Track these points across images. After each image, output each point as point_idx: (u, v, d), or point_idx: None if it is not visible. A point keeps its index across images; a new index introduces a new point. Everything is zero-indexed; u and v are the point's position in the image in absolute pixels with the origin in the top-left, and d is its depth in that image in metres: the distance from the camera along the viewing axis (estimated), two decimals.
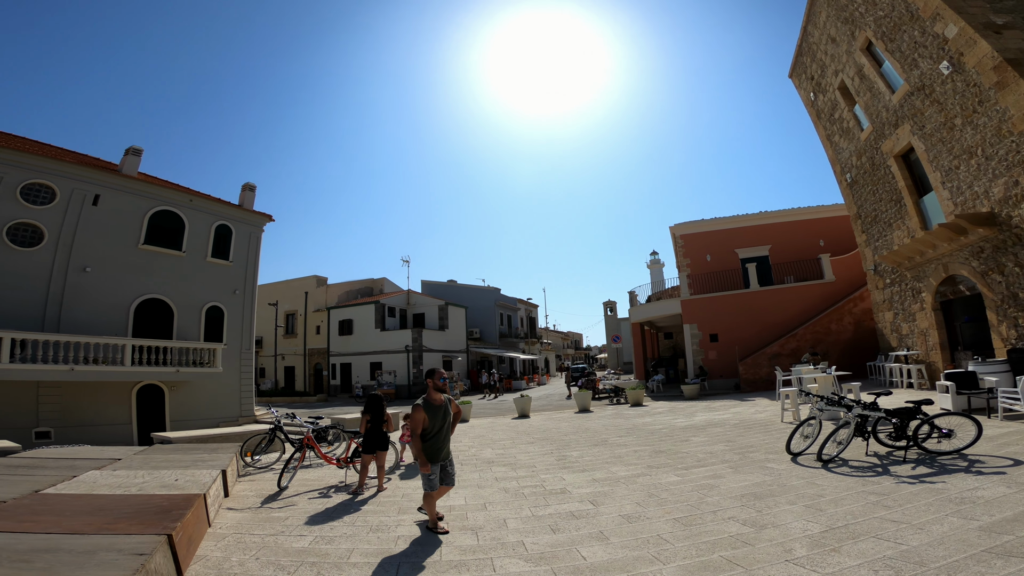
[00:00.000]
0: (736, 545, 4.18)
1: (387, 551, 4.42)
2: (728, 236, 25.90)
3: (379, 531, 5.03)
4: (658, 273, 43.39)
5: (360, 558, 4.24)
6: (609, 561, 4.03)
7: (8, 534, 2.83)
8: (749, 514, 4.97)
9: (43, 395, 14.73)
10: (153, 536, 3.11)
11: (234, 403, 19.88)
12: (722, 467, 7.24)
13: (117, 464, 5.72)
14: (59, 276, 15.76)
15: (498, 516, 5.47)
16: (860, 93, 15.08)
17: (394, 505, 6.09)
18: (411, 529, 5.08)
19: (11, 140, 16.91)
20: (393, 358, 35.12)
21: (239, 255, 21.10)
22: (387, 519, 5.46)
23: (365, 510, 5.89)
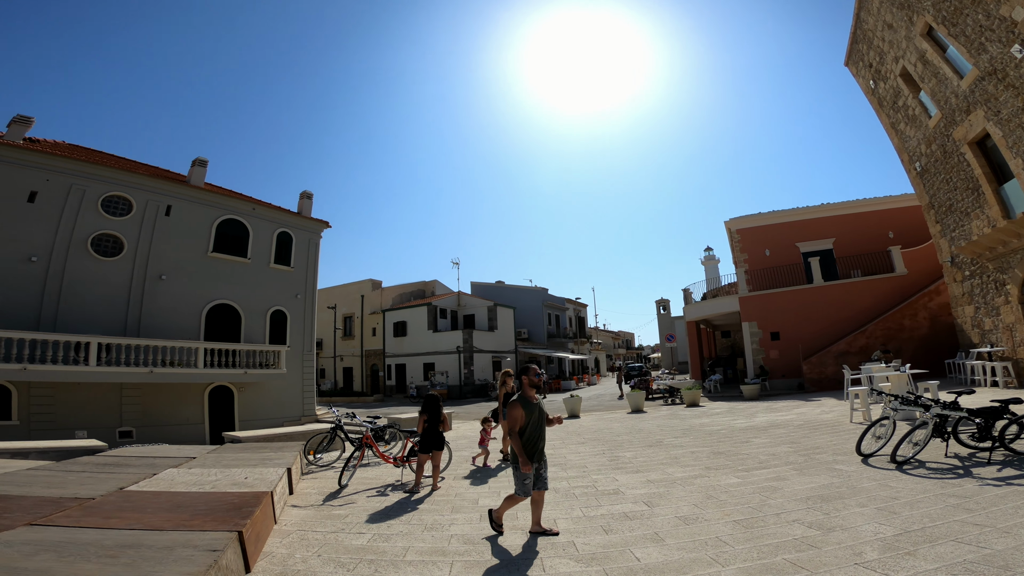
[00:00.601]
0: (801, 548, 4.01)
1: (440, 550, 4.47)
2: (788, 230, 24.76)
3: (433, 530, 5.10)
4: (713, 270, 42.00)
5: (415, 556, 4.31)
6: (664, 562, 3.95)
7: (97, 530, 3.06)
8: (815, 516, 4.77)
9: (126, 396, 15.90)
10: (225, 533, 3.26)
11: (297, 403, 20.80)
12: (786, 469, 6.95)
13: (192, 462, 6.08)
14: (138, 284, 16.96)
15: (548, 516, 5.42)
16: (924, 79, 14.11)
17: (447, 504, 6.16)
18: (464, 528, 5.12)
19: (91, 154, 18.35)
20: (445, 359, 35.70)
21: (299, 261, 22.06)
22: (441, 518, 5.53)
23: (420, 509, 5.98)
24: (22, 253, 14.77)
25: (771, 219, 25.24)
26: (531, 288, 47.90)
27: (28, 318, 14.48)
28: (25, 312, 14.51)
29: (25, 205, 15.07)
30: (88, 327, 15.28)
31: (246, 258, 20.10)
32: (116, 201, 17.02)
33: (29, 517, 3.23)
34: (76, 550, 2.66)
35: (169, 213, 18.16)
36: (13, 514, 3.30)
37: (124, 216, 17.05)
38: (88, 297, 15.79)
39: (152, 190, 17.92)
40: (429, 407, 7.30)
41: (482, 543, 4.66)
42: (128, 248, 16.91)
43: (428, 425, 7.17)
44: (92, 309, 15.77)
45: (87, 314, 15.60)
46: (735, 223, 25.80)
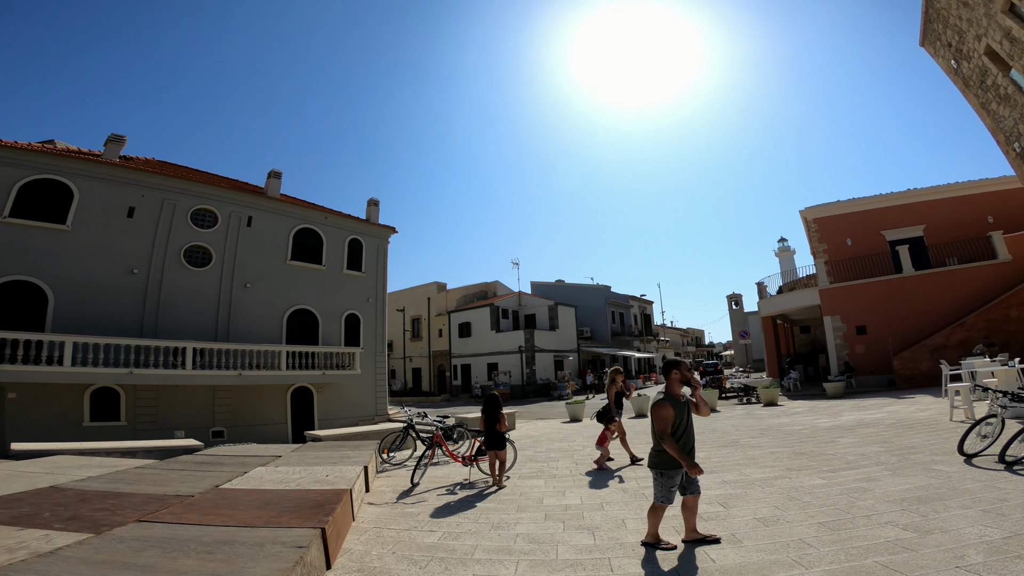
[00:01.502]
0: (895, 550, 3.77)
1: (507, 548, 4.50)
2: (871, 217, 23.07)
3: (500, 528, 5.12)
4: (788, 262, 39.78)
5: (483, 555, 4.35)
6: (742, 564, 3.80)
7: (196, 526, 3.31)
8: (911, 518, 4.46)
9: (218, 398, 17.18)
10: (309, 529, 3.43)
11: (370, 403, 21.68)
12: (876, 469, 6.51)
13: (279, 461, 6.46)
14: (226, 292, 18.27)
15: (616, 516, 5.35)
16: (1014, 57, 12.68)
17: (513, 503, 6.18)
18: (529, 527, 5.11)
19: (178, 169, 19.94)
20: (507, 359, 36.00)
21: (370, 266, 23.02)
22: (507, 516, 5.56)
23: (487, 507, 6.03)
24: (125, 266, 16.27)
25: (851, 207, 23.62)
26: (593, 286, 47.32)
27: (132, 326, 15.95)
28: (130, 320, 15.99)
29: (125, 220, 16.58)
30: (184, 333, 16.63)
31: (321, 265, 21.18)
32: (203, 214, 18.41)
33: (138, 514, 3.55)
34: (178, 546, 2.88)
35: (250, 224, 19.43)
36: (125, 511, 3.64)
37: (211, 228, 18.42)
38: (183, 305, 17.18)
39: (234, 202, 19.23)
40: (488, 407, 7.40)
41: (546, 542, 4.63)
42: (216, 258, 18.24)
43: (487, 424, 7.26)
44: (186, 316, 17.15)
45: (182, 321, 16.98)
46: (811, 212, 24.34)
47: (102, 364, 14.04)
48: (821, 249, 23.64)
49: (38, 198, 15.06)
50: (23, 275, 14.46)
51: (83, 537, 2.94)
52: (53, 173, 15.43)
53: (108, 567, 2.44)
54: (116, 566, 2.47)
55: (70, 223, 15.43)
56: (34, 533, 2.96)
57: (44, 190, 15.22)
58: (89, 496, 4.11)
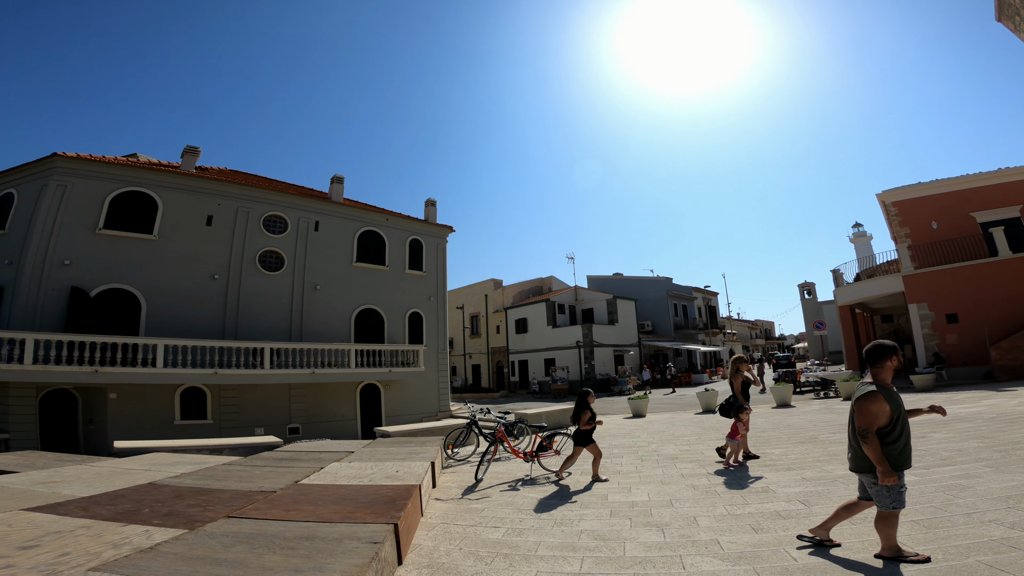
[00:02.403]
0: (1000, 549, 3.50)
1: (571, 544, 4.45)
2: (958, 199, 21.21)
3: (563, 525, 5.07)
4: (865, 248, 37.28)
5: (546, 551, 4.31)
6: (827, 563, 3.60)
7: (280, 522, 3.48)
8: (1019, 517, 4.11)
9: (293, 396, 18.14)
10: (383, 525, 3.51)
11: (433, 399, 22.23)
12: (976, 466, 6.06)
13: (352, 456, 6.71)
14: (298, 294, 19.24)
15: (686, 513, 5.20)
16: None
17: (576, 500, 6.12)
18: (593, 524, 5.04)
19: (249, 178, 21.11)
20: (565, 354, 35.80)
21: (430, 265, 23.62)
22: (570, 513, 5.50)
23: (549, 504, 5.99)
24: (207, 272, 17.45)
25: (935, 188, 21.80)
26: (653, 278, 46.20)
27: (215, 328, 17.10)
28: (212, 323, 17.15)
29: (205, 228, 17.76)
30: (261, 334, 17.67)
31: (384, 265, 21.92)
32: (274, 220, 19.44)
33: (227, 510, 3.78)
34: (264, 542, 3.04)
35: (318, 228, 20.35)
36: (215, 507, 3.89)
37: (282, 234, 19.43)
38: (259, 308, 18.25)
39: (302, 208, 20.19)
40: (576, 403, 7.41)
41: (611, 538, 4.54)
42: (288, 262, 19.24)
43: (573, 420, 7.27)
44: (263, 318, 18.21)
45: (259, 323, 18.04)
46: (890, 195, 22.69)
47: (190, 365, 15.15)
48: (903, 233, 22.01)
49: (127, 210, 16.37)
50: (118, 283, 15.79)
51: (179, 533, 3.16)
52: (139, 185, 16.72)
53: (201, 563, 2.61)
54: (208, 562, 2.63)
55: (156, 233, 16.70)
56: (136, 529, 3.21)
57: (132, 202, 16.53)
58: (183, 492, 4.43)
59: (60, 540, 2.89)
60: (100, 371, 13.66)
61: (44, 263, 14.68)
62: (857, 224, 40.74)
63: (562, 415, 13.92)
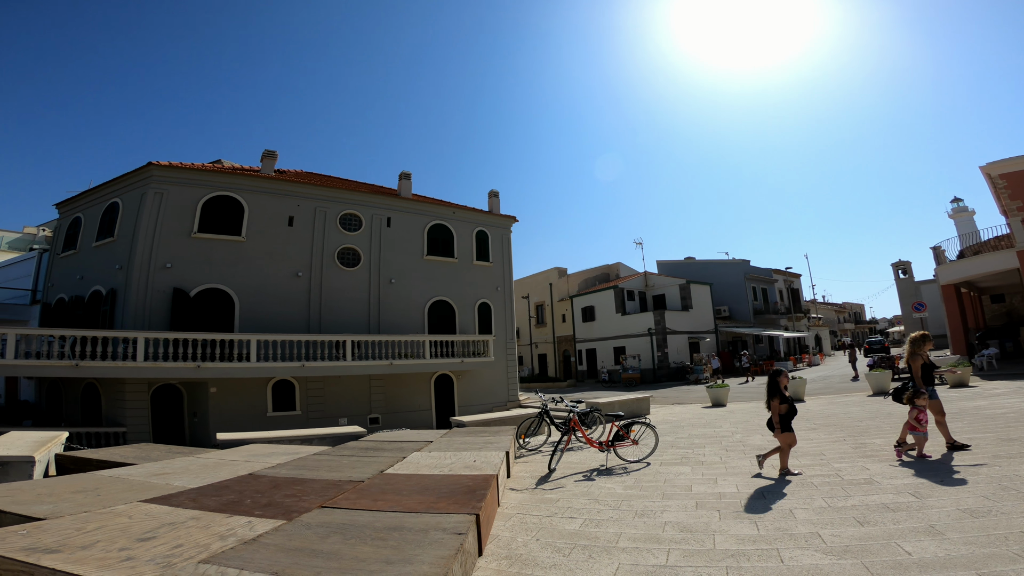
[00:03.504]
0: None
1: (655, 536, 4.31)
2: None
3: (644, 516, 4.92)
4: (966, 224, 33.85)
5: (628, 543, 4.20)
6: (946, 557, 3.32)
7: (369, 512, 3.61)
8: None
9: (373, 387, 18.94)
10: (465, 516, 3.54)
11: (503, 389, 22.53)
12: None
13: (431, 446, 6.88)
14: (374, 288, 20.05)
15: (782, 506, 4.91)
16: None
17: (657, 490, 5.92)
18: (678, 515, 4.85)
19: (324, 179, 22.10)
20: (636, 342, 35.03)
21: (496, 256, 23.89)
22: (652, 504, 5.33)
23: (628, 495, 5.83)
24: (291, 270, 18.53)
25: None
26: (728, 261, 44.13)
27: (300, 323, 18.16)
28: (298, 318, 18.23)
29: (287, 228, 18.84)
30: (341, 327, 18.59)
31: (453, 257, 22.40)
32: (350, 218, 20.30)
33: (320, 500, 3.97)
34: (356, 532, 3.15)
35: (390, 224, 21.08)
36: (309, 497, 4.10)
37: (357, 231, 20.27)
38: (339, 302, 19.20)
39: (375, 206, 20.96)
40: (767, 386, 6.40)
41: (699, 531, 4.34)
42: (364, 258, 20.09)
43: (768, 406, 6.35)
44: (343, 312, 19.15)
45: (340, 317, 18.98)
46: (997, 167, 20.50)
47: (280, 359, 16.19)
48: (1014, 207, 19.83)
49: (217, 214, 17.64)
50: (214, 283, 17.10)
51: (278, 523, 3.34)
52: (226, 190, 17.95)
53: (300, 554, 2.73)
54: (306, 553, 2.75)
55: (244, 234, 17.91)
56: (239, 520, 3.43)
57: (221, 206, 17.78)
58: (280, 483, 4.71)
59: (174, 532, 3.12)
60: (202, 366, 14.89)
61: (149, 267, 16.12)
62: (956, 199, 37.28)
63: (637, 404, 13.62)
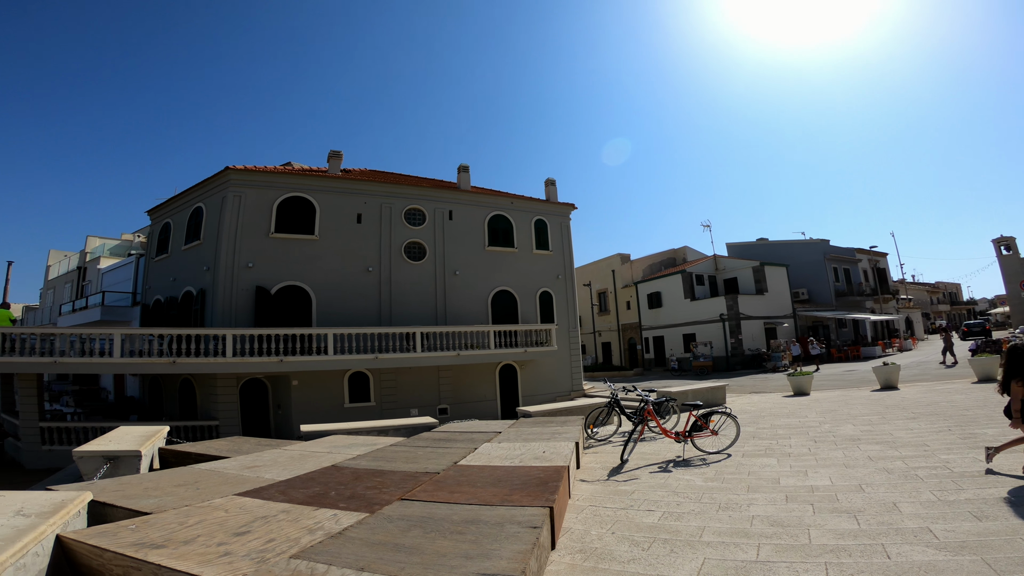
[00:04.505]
0: None
1: (742, 531, 4.14)
2: None
3: (729, 510, 4.75)
4: None
5: (713, 537, 4.06)
6: None
7: (447, 504, 3.69)
8: None
9: (442, 378, 19.44)
10: (539, 509, 3.52)
11: (566, 378, 22.49)
12: None
13: (500, 437, 6.91)
14: (439, 280, 20.56)
15: (882, 499, 4.62)
16: None
17: (742, 483, 5.70)
18: (766, 509, 4.65)
19: (387, 176, 22.77)
20: (707, 328, 33.81)
21: (556, 244, 23.79)
22: (736, 497, 5.14)
23: (709, 487, 5.65)
24: (362, 265, 19.30)
25: None
26: (805, 241, 41.57)
27: (372, 317, 18.90)
28: (370, 312, 18.98)
29: (356, 225, 19.60)
30: (410, 320, 19.19)
31: (513, 247, 22.53)
32: (414, 213, 20.85)
33: (400, 492, 4.10)
34: (435, 525, 3.22)
35: (451, 217, 21.47)
36: (389, 489, 4.23)
37: (421, 225, 20.79)
38: (407, 295, 19.83)
39: (437, 200, 21.40)
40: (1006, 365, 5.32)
41: (791, 524, 4.13)
42: (429, 251, 20.62)
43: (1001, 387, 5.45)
44: (411, 305, 19.77)
45: (408, 309, 19.61)
46: None
47: (354, 352, 16.89)
48: None
49: (291, 214, 18.62)
50: (292, 280, 18.12)
51: (361, 516, 3.47)
52: (299, 191, 18.90)
53: (383, 548, 2.82)
54: (389, 547, 2.83)
55: (317, 233, 18.80)
56: (326, 513, 3.57)
57: (294, 207, 18.74)
58: (361, 474, 4.89)
59: (266, 526, 3.27)
60: (284, 360, 15.84)
61: (232, 267, 17.29)
62: None
63: (712, 393, 13.15)
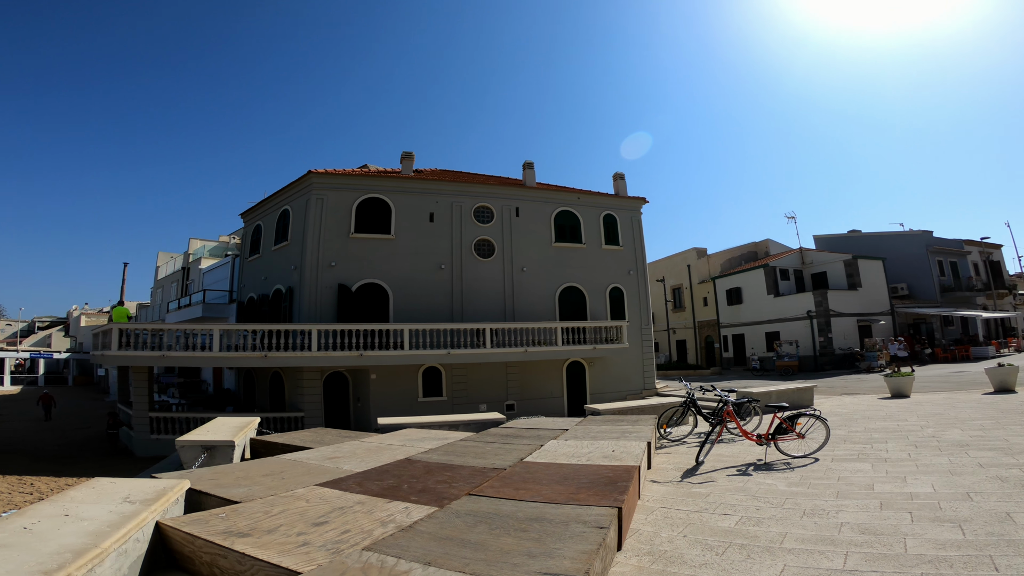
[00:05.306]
0: None
1: (828, 538, 3.87)
2: None
3: (815, 516, 4.45)
4: None
5: (795, 543, 3.81)
6: None
7: (512, 501, 3.70)
8: None
9: (509, 374, 19.68)
10: (607, 509, 3.46)
11: (638, 376, 22.04)
12: None
13: (567, 434, 6.86)
14: (508, 277, 20.81)
15: (994, 508, 4.19)
16: None
17: (830, 488, 5.33)
18: (856, 516, 4.32)
19: (456, 175, 23.28)
20: (792, 326, 31.85)
21: (626, 239, 23.36)
22: (823, 503, 4.81)
23: (793, 492, 5.32)
24: (435, 263, 19.93)
25: None
26: (904, 233, 38.10)
27: (444, 313, 19.48)
28: (442, 308, 19.58)
29: (428, 224, 20.26)
30: (480, 316, 19.58)
31: (582, 243, 22.36)
32: (482, 211, 21.23)
33: (468, 487, 4.17)
34: (500, 522, 3.24)
35: (518, 214, 21.64)
36: (458, 484, 4.30)
37: (489, 223, 21.14)
38: (477, 292, 20.25)
39: (504, 197, 21.65)
40: None
41: (887, 533, 3.83)
42: (497, 248, 20.91)
43: None
44: (481, 301, 20.17)
45: (478, 306, 20.02)
46: None
47: (428, 347, 17.50)
48: None
49: (369, 214, 19.53)
50: (371, 278, 19.04)
51: (431, 510, 3.54)
52: (375, 192, 19.79)
53: (450, 544, 2.87)
54: (455, 543, 2.88)
55: (393, 232, 19.61)
56: (398, 506, 3.68)
57: (372, 207, 19.63)
58: (432, 468, 5.03)
59: (342, 517, 3.41)
60: (364, 354, 16.68)
61: (317, 266, 18.45)
62: None
63: (798, 395, 12.39)
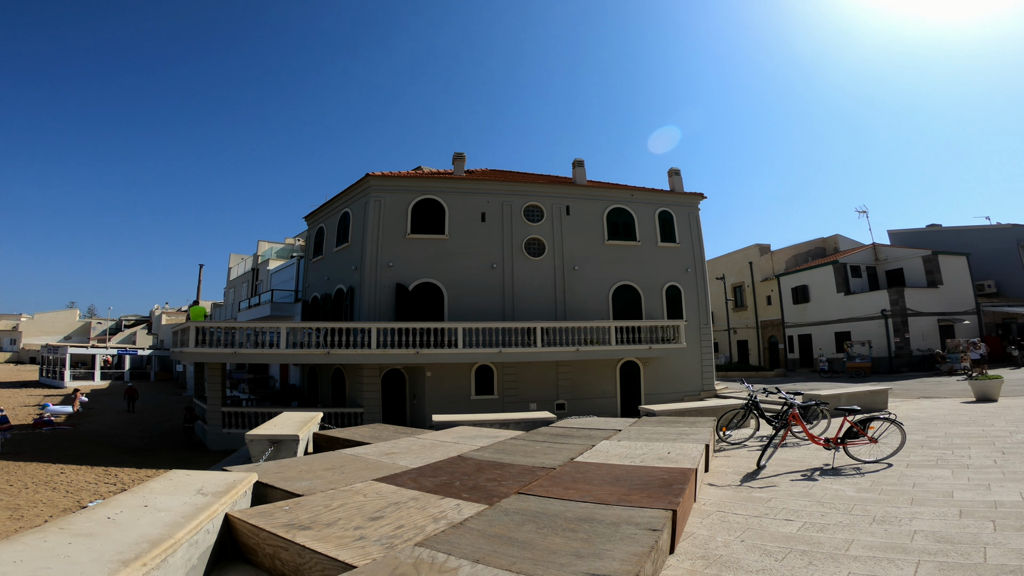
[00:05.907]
0: None
1: (899, 546, 3.66)
2: None
3: (885, 523, 4.22)
4: None
5: (862, 551, 3.63)
6: None
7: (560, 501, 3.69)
8: None
9: (560, 373, 19.59)
10: (660, 511, 3.38)
11: (696, 377, 21.36)
12: None
13: (619, 435, 6.77)
14: (559, 275, 20.72)
15: None
16: None
17: (904, 495, 5.04)
18: (932, 524, 4.10)
19: (507, 175, 23.36)
20: (864, 326, 29.99)
21: (684, 236, 22.72)
22: (895, 511, 4.54)
23: (862, 498, 5.06)
24: (487, 262, 20.12)
25: None
26: (990, 227, 35.07)
27: (496, 312, 19.63)
28: (494, 307, 19.73)
29: (480, 224, 20.48)
30: (531, 315, 19.61)
31: (636, 241, 21.94)
32: (532, 210, 21.25)
33: (517, 485, 4.20)
34: (547, 521, 3.24)
35: (569, 212, 21.49)
36: (507, 482, 4.34)
37: (539, 222, 21.12)
38: (528, 291, 20.29)
39: (553, 195, 21.58)
40: None
41: (968, 542, 3.57)
42: (548, 247, 20.87)
43: None
44: (532, 300, 20.20)
45: (529, 305, 20.06)
46: None
47: (481, 345, 17.69)
48: None
49: (424, 215, 19.97)
50: (426, 278, 19.48)
51: (481, 508, 3.59)
52: (430, 193, 20.21)
53: (498, 541, 2.89)
54: (503, 541, 2.90)
55: (447, 232, 19.96)
56: (450, 502, 3.75)
57: (426, 208, 20.07)
58: (483, 466, 5.10)
59: (397, 512, 3.50)
60: (420, 352, 17.11)
61: (376, 266, 19.06)
62: None
63: (871, 398, 11.68)
